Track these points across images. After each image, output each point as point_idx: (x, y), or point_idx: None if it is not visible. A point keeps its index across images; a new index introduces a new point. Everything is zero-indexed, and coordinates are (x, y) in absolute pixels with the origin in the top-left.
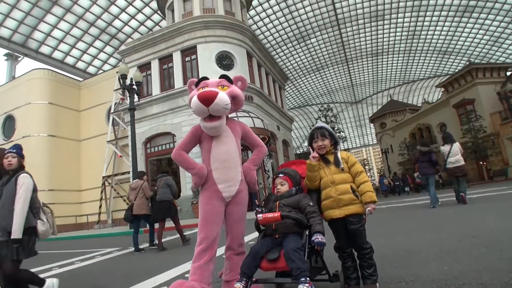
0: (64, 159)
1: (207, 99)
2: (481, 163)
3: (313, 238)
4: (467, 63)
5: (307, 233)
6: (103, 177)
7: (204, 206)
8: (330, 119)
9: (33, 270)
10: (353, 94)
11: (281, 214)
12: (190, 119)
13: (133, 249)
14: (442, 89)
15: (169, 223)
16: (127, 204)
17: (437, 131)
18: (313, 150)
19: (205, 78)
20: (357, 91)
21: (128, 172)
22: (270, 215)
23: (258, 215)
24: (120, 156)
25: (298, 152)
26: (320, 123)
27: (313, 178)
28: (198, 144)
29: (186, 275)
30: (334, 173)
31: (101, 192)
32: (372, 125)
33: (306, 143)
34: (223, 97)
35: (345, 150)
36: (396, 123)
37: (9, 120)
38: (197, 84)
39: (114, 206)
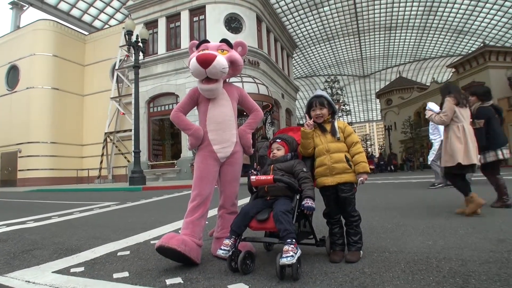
0: (67, 113)
1: (205, 61)
2: None
3: (303, 203)
4: (481, 45)
5: (297, 197)
6: (105, 133)
7: (200, 165)
8: (336, 91)
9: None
10: (361, 67)
11: (273, 177)
12: (194, 81)
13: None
14: (453, 70)
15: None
16: (128, 161)
17: None
18: (310, 118)
19: (206, 41)
20: (366, 65)
21: (130, 130)
22: (263, 177)
23: (252, 177)
24: (123, 113)
25: (301, 122)
26: (319, 91)
27: (306, 146)
28: (195, 107)
29: (179, 231)
30: (329, 141)
31: (103, 148)
32: (378, 100)
33: None
34: (221, 60)
35: (348, 123)
36: (403, 100)
37: (13, 70)
38: (197, 47)
39: (115, 162)
